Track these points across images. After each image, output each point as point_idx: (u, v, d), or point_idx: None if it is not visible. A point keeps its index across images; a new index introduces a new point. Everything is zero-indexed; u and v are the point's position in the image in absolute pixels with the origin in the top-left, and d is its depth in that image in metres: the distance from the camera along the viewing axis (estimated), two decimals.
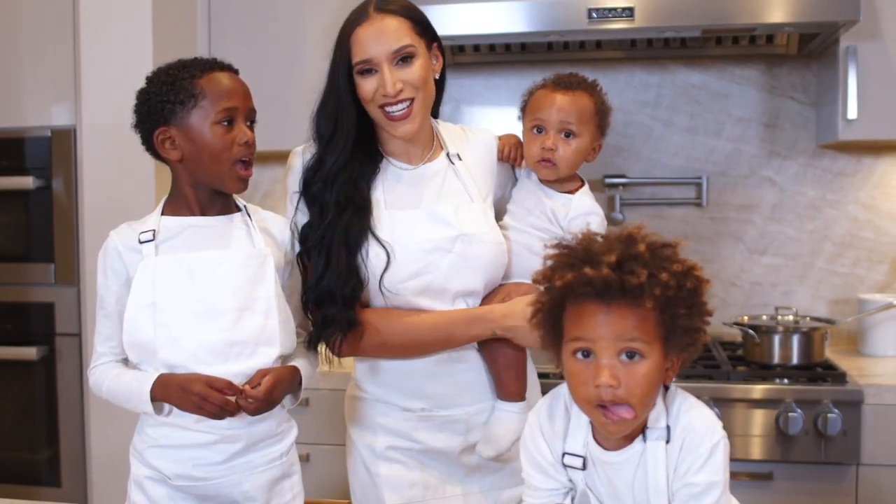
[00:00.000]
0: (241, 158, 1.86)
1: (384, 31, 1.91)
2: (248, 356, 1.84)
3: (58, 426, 3.11)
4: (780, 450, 2.66)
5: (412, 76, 1.92)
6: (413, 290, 1.95)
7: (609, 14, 2.75)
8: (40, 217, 3.09)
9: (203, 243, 1.88)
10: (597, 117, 2.04)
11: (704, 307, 1.38)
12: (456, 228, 1.96)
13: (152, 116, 1.85)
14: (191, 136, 1.84)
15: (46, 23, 3.06)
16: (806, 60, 3.31)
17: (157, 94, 1.84)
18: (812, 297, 3.35)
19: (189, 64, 1.87)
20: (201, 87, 1.83)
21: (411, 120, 1.94)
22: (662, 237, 1.39)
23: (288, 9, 3.21)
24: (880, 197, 3.31)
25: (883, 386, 2.66)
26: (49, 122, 3.09)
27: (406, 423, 2.02)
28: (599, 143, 2.07)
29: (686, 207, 3.42)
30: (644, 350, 1.35)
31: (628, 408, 1.36)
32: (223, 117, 1.84)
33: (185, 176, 1.89)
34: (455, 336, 1.96)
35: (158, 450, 1.86)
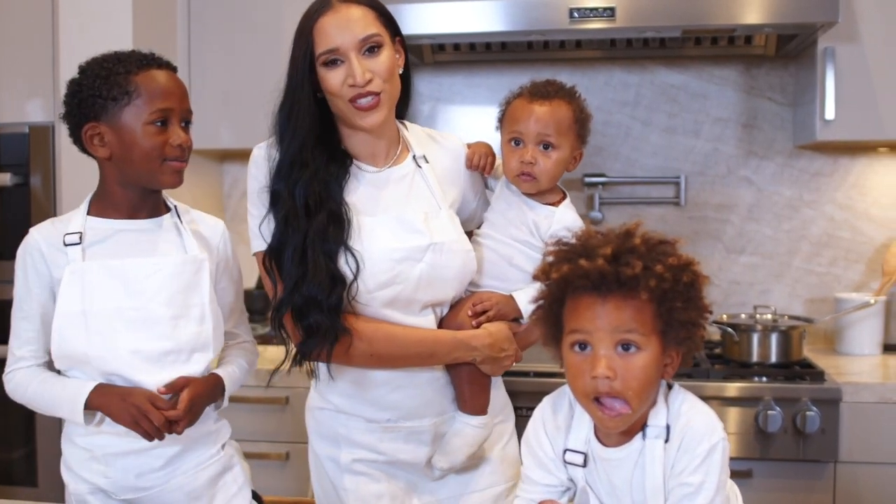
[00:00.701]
0: (173, 158, 1.80)
1: (350, 20, 1.84)
2: (183, 363, 1.82)
3: (34, 425, 3.08)
4: (758, 447, 2.68)
5: (380, 66, 1.85)
6: (381, 301, 1.89)
7: (590, 14, 2.76)
8: (17, 214, 3.06)
9: (133, 249, 1.82)
10: (576, 126, 1.99)
11: (702, 302, 1.40)
12: (427, 237, 1.90)
13: (82, 110, 1.79)
14: (121, 135, 1.78)
15: (25, 19, 3.04)
16: (784, 61, 3.34)
17: (89, 88, 1.77)
18: (789, 296, 3.38)
19: (125, 58, 1.80)
20: (136, 84, 1.77)
21: (379, 110, 1.87)
22: (662, 234, 1.40)
23: (267, 9, 3.20)
24: (857, 197, 3.34)
25: (860, 384, 2.69)
26: (27, 118, 3.06)
27: (371, 435, 1.97)
28: (580, 151, 2.03)
29: (664, 206, 3.43)
30: (640, 342, 1.36)
31: (623, 402, 1.37)
32: (157, 118, 1.78)
33: (114, 174, 1.83)
34: (437, 355, 1.94)
35: (94, 463, 1.81)
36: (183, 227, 1.89)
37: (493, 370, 1.99)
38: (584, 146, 2.04)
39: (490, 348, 1.94)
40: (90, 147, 1.81)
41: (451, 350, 1.93)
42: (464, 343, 1.93)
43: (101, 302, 1.77)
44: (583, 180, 3.38)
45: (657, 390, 1.44)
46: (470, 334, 1.94)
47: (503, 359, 1.97)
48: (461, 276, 1.96)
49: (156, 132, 1.78)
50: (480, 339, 1.94)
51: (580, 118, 1.99)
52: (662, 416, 1.43)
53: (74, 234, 1.80)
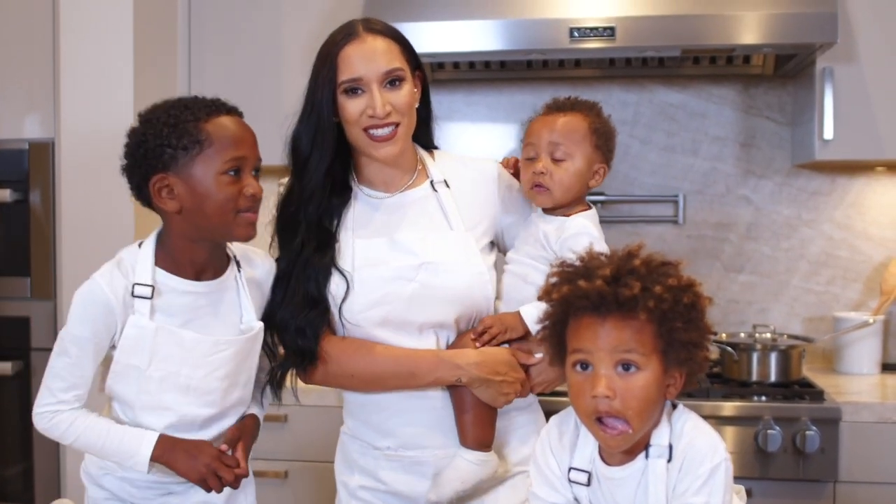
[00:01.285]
0: (247, 209, 1.72)
1: (376, 51, 1.85)
2: (229, 418, 1.84)
3: (32, 441, 3.07)
4: (758, 467, 2.68)
5: (400, 100, 1.86)
6: (373, 321, 1.88)
7: (590, 33, 2.77)
8: (16, 230, 3.07)
9: (197, 313, 1.77)
10: (593, 137, 1.93)
11: (703, 323, 1.40)
12: (419, 257, 1.89)
13: (148, 161, 1.69)
14: (193, 186, 1.68)
15: (25, 35, 3.05)
16: (782, 81, 3.35)
17: (157, 137, 1.68)
18: (787, 315, 3.38)
19: (192, 104, 1.72)
20: (207, 133, 1.68)
21: (394, 143, 1.87)
22: (664, 256, 1.41)
23: (267, 25, 3.21)
24: (855, 216, 3.35)
25: (860, 403, 2.69)
26: (27, 134, 3.07)
27: (374, 462, 1.95)
28: (602, 166, 1.96)
29: (663, 225, 3.44)
30: (640, 362, 1.37)
31: (624, 422, 1.38)
32: (230, 167, 1.69)
33: (183, 228, 1.74)
34: (418, 375, 1.87)
35: (114, 479, 1.83)
36: (241, 286, 1.82)
37: (490, 397, 1.86)
38: (607, 161, 1.98)
39: (478, 368, 1.84)
40: (158, 200, 1.70)
41: (434, 368, 1.86)
42: (447, 361, 1.86)
43: (158, 363, 1.73)
44: None
45: (660, 410, 1.44)
46: (455, 352, 1.88)
47: (499, 384, 1.85)
48: (465, 299, 1.90)
49: (229, 182, 1.68)
50: (466, 358, 1.85)
51: (598, 130, 1.94)
52: (665, 435, 1.43)
53: (145, 286, 1.71)
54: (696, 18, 2.76)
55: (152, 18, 3.04)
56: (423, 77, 1.98)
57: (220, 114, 1.73)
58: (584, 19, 2.78)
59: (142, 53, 2.94)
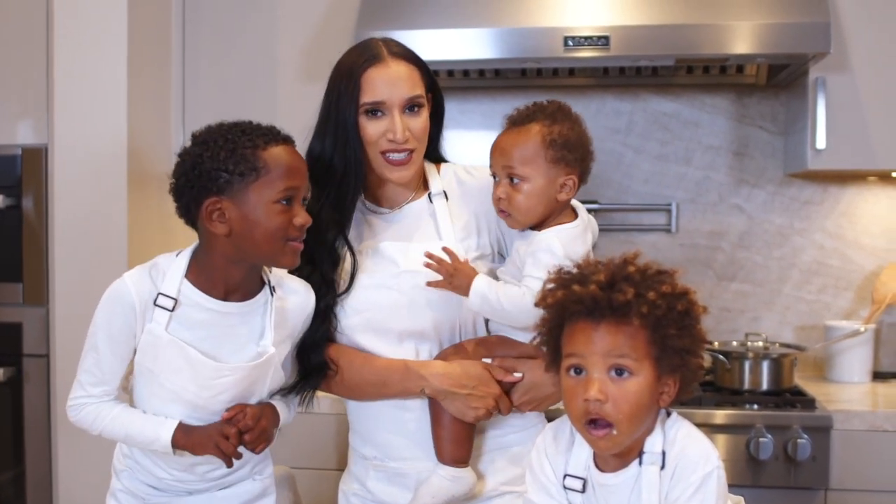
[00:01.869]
0: (295, 239, 1.74)
1: (401, 77, 1.88)
2: None
3: (24, 447, 3.06)
4: (750, 475, 2.68)
5: (418, 126, 1.90)
6: (355, 328, 1.92)
7: (585, 42, 2.78)
8: (9, 236, 3.05)
9: (212, 332, 1.78)
10: (547, 152, 1.83)
11: (696, 330, 1.41)
12: (399, 266, 1.91)
13: (203, 183, 1.70)
14: (245, 212, 1.69)
15: (19, 41, 3.04)
16: (775, 90, 3.37)
17: (214, 160, 1.68)
18: (779, 324, 3.39)
19: (249, 131, 1.72)
20: (265, 161, 1.69)
21: (409, 167, 1.91)
22: (660, 264, 1.42)
23: (262, 32, 3.22)
24: (846, 226, 3.36)
25: (851, 412, 2.70)
26: (20, 140, 3.05)
27: (363, 472, 1.99)
28: (570, 178, 1.86)
29: (656, 234, 3.45)
30: (633, 367, 1.39)
31: (611, 426, 1.40)
32: (284, 196, 1.70)
33: (227, 250, 1.74)
34: (389, 385, 1.89)
35: (132, 478, 1.87)
36: (269, 311, 1.81)
37: (458, 410, 1.86)
38: (577, 171, 1.87)
39: (441, 380, 1.85)
40: (209, 223, 1.71)
41: (402, 378, 1.88)
42: (413, 371, 1.88)
43: (168, 375, 1.75)
44: None
45: (653, 417, 1.45)
46: (422, 363, 1.89)
47: (466, 398, 1.84)
48: (440, 306, 1.90)
49: (281, 211, 1.70)
50: (431, 369, 1.87)
51: (554, 142, 1.83)
52: (659, 443, 1.44)
53: (168, 298, 1.73)
54: (689, 28, 2.77)
55: (147, 26, 3.04)
56: (439, 95, 2.01)
57: (278, 143, 1.73)
58: (579, 28, 2.79)
59: (136, 60, 2.94)
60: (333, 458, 2.79)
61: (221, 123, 1.75)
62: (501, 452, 1.96)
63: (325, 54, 1.97)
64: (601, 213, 3.43)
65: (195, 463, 1.83)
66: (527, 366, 1.87)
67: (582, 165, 1.89)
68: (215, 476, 1.87)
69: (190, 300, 1.76)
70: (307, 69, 3.14)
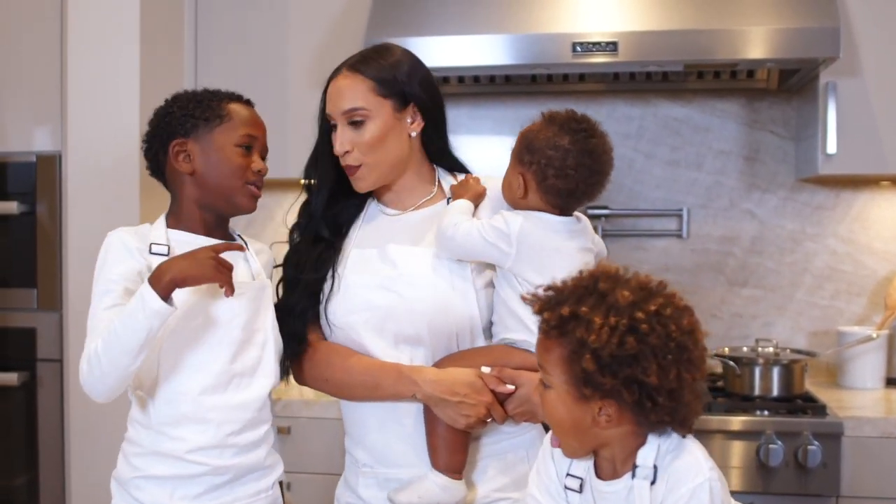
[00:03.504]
0: (252, 183, 1.89)
1: (341, 90, 1.91)
2: (245, 387, 1.86)
3: (37, 452, 3.08)
4: (760, 482, 2.67)
5: (361, 139, 1.90)
6: (356, 326, 1.92)
7: (593, 48, 2.78)
8: (23, 242, 3.08)
9: None
10: (516, 144, 1.90)
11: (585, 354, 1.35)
12: (399, 269, 1.91)
13: (171, 128, 1.87)
14: (209, 152, 1.86)
15: (33, 48, 3.07)
16: (786, 95, 3.36)
17: (183, 109, 1.87)
18: (792, 329, 3.38)
19: (216, 91, 1.93)
20: (229, 111, 1.89)
21: (360, 179, 1.94)
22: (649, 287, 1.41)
23: (273, 38, 3.24)
24: (859, 230, 3.35)
25: (862, 418, 2.69)
26: (34, 147, 3.09)
27: (355, 479, 1.99)
28: (520, 176, 1.88)
29: (667, 239, 3.45)
30: (549, 381, 1.42)
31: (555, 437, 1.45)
32: (245, 142, 1.88)
33: (194, 193, 1.89)
34: (382, 387, 1.89)
35: (143, 481, 1.83)
36: (250, 252, 1.95)
37: (449, 417, 1.84)
38: (526, 170, 1.87)
39: (432, 386, 1.84)
40: (175, 162, 1.87)
41: (395, 382, 1.88)
42: (406, 376, 1.87)
43: (177, 318, 1.76)
44: (585, 212, 3.37)
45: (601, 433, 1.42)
46: (415, 368, 1.88)
47: (457, 405, 1.83)
48: (435, 313, 1.88)
49: (242, 154, 1.87)
50: (424, 375, 1.86)
51: (523, 136, 1.89)
52: (651, 456, 1.43)
53: (161, 244, 1.85)
54: (698, 33, 2.77)
55: (158, 33, 3.07)
56: (430, 106, 1.98)
57: (241, 101, 1.94)
58: (587, 34, 2.79)
59: (148, 67, 2.96)
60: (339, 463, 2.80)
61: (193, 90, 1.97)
62: (495, 459, 1.95)
63: (335, 60, 1.98)
64: (612, 218, 3.43)
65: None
66: (524, 377, 1.85)
67: (539, 173, 1.86)
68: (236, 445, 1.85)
69: (179, 242, 1.87)
70: (318, 75, 3.14)
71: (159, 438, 1.82)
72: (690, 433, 1.45)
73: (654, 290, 1.41)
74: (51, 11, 3.05)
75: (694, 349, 1.38)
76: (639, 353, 1.34)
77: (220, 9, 3.27)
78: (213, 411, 1.82)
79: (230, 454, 1.84)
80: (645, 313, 1.35)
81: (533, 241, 1.85)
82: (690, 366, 1.38)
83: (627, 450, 1.44)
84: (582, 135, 1.86)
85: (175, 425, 1.81)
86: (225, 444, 1.83)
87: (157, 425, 1.82)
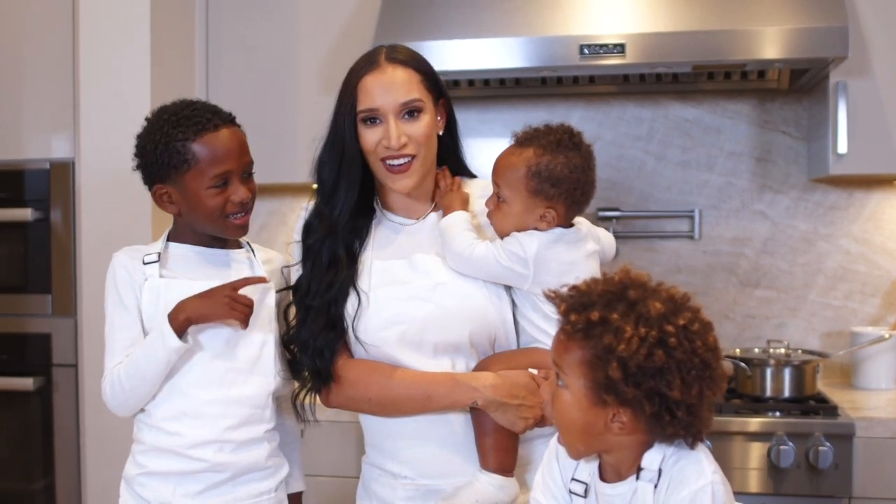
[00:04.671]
0: (235, 213, 1.89)
1: (394, 82, 1.86)
2: (241, 383, 1.89)
3: (53, 457, 3.11)
4: (772, 483, 2.67)
5: (418, 132, 1.86)
6: (389, 341, 1.88)
7: (601, 50, 2.79)
8: (38, 249, 3.11)
9: (206, 273, 1.91)
10: (530, 182, 1.84)
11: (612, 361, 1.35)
12: (433, 278, 1.89)
13: (148, 173, 1.90)
14: (186, 196, 1.86)
15: (46, 56, 3.10)
16: (797, 95, 3.35)
17: (152, 154, 1.86)
18: (805, 330, 3.37)
19: (184, 122, 1.84)
20: (194, 153, 1.83)
21: (410, 175, 1.88)
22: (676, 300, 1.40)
23: (283, 44, 3.26)
24: (872, 230, 3.34)
25: (874, 419, 2.68)
26: (48, 154, 3.11)
27: (392, 492, 1.93)
28: (550, 211, 1.85)
29: (679, 240, 3.44)
30: (566, 381, 1.41)
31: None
32: (216, 182, 1.85)
33: (186, 222, 1.93)
34: (435, 398, 1.85)
35: (146, 477, 1.87)
36: (255, 258, 1.99)
37: (508, 421, 1.83)
38: (556, 203, 1.85)
39: (494, 391, 1.82)
40: (160, 205, 1.90)
41: (450, 392, 1.84)
42: (463, 384, 1.84)
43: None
44: (597, 214, 3.39)
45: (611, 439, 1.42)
46: (471, 375, 1.86)
47: (517, 408, 1.82)
48: (476, 318, 1.88)
49: (216, 193, 1.85)
50: (483, 380, 1.84)
51: (536, 173, 1.83)
52: (657, 460, 1.43)
53: (152, 253, 1.90)
54: (705, 34, 2.76)
55: (169, 40, 3.09)
56: (449, 106, 1.98)
57: (208, 131, 1.85)
58: (595, 36, 2.80)
59: (159, 74, 2.98)
60: (353, 466, 2.82)
61: (165, 107, 1.90)
62: (535, 464, 1.89)
63: (344, 65, 1.97)
64: (623, 220, 3.43)
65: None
66: None
67: (568, 198, 1.86)
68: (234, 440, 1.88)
69: (175, 252, 1.93)
70: (326, 80, 3.17)
71: (160, 434, 1.87)
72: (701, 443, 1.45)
73: (681, 303, 1.41)
74: (63, 21, 3.08)
75: (717, 367, 1.39)
76: (665, 366, 1.34)
77: (230, 16, 3.29)
78: (210, 405, 1.86)
79: (229, 449, 1.86)
80: (675, 327, 1.36)
81: (549, 260, 1.86)
82: (712, 383, 1.38)
83: (633, 455, 1.44)
84: (579, 145, 1.89)
85: (173, 420, 1.86)
86: (223, 440, 1.86)
87: (157, 421, 1.87)
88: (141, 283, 1.87)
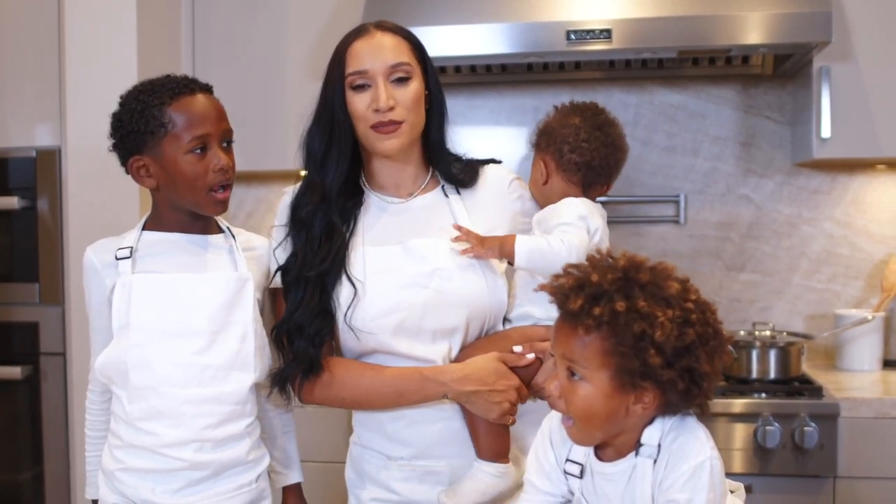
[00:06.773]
0: (217, 184, 1.82)
1: (383, 46, 1.86)
2: (220, 380, 1.82)
3: (42, 446, 3.11)
4: (758, 463, 2.70)
5: (406, 97, 1.86)
6: (387, 329, 1.87)
7: (587, 36, 2.80)
8: (25, 237, 3.10)
9: (182, 262, 1.85)
10: (541, 138, 2.04)
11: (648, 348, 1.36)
12: (431, 263, 1.88)
13: (125, 145, 1.82)
14: (164, 165, 1.79)
15: (31, 44, 3.08)
16: (781, 80, 3.38)
17: (128, 123, 1.79)
18: (789, 313, 3.40)
19: (159, 88, 1.80)
20: (171, 116, 1.77)
21: (398, 136, 1.86)
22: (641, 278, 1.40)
23: (271, 31, 3.26)
24: (855, 214, 3.37)
25: (858, 399, 2.71)
26: (34, 142, 3.10)
27: (387, 473, 1.93)
28: (549, 165, 1.99)
29: (664, 225, 3.46)
30: (585, 374, 1.40)
31: (572, 421, 1.44)
32: (195, 145, 1.78)
33: (164, 199, 1.86)
34: (406, 395, 1.85)
35: (124, 473, 1.83)
36: (235, 246, 1.91)
37: (481, 410, 1.83)
38: (547, 152, 2.00)
39: (461, 383, 1.82)
40: (137, 179, 1.84)
41: (419, 387, 1.85)
42: (431, 379, 1.84)
43: (144, 314, 1.79)
44: None
45: (636, 419, 1.44)
46: (438, 369, 1.85)
47: (488, 394, 1.82)
48: (474, 302, 1.88)
49: (196, 160, 1.79)
50: (449, 374, 1.84)
51: (544, 130, 2.04)
52: (656, 435, 1.44)
53: (125, 248, 1.83)
54: (691, 20, 2.78)
55: (156, 27, 3.08)
56: (436, 85, 1.97)
57: (184, 94, 1.81)
58: (581, 22, 2.81)
59: (146, 62, 2.97)
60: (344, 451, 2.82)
61: (141, 84, 1.85)
62: (529, 440, 1.91)
63: (331, 52, 1.98)
64: (609, 205, 3.44)
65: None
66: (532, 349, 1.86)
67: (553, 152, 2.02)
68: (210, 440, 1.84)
69: (149, 243, 1.86)
70: (314, 67, 3.17)
71: (136, 433, 1.82)
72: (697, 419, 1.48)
73: (683, 278, 1.44)
74: (48, 8, 3.06)
75: (723, 334, 1.43)
76: (692, 342, 1.36)
77: (217, 3, 3.29)
78: (187, 404, 1.80)
79: (209, 448, 1.81)
80: (692, 303, 1.39)
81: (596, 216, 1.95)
82: (723, 350, 1.42)
83: (637, 433, 1.46)
84: (590, 113, 2.01)
85: (147, 419, 1.81)
86: (202, 439, 1.81)
87: (131, 420, 1.82)
88: (111, 285, 1.81)
